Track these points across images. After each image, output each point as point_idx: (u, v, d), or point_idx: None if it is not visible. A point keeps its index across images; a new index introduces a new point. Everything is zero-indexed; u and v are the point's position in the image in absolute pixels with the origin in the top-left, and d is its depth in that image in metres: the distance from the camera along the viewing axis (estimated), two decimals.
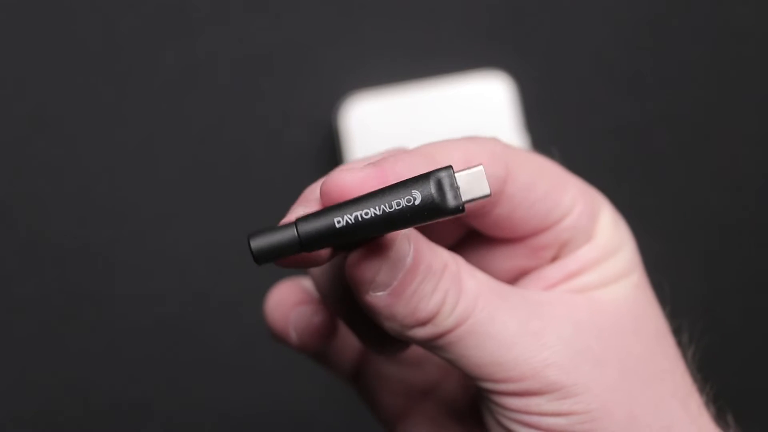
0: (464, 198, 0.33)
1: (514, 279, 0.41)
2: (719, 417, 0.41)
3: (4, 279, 0.70)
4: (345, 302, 0.39)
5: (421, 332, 0.37)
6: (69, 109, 0.70)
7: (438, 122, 0.70)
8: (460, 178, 0.33)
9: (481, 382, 0.37)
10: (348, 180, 0.34)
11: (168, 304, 0.71)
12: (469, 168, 0.33)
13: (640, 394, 0.38)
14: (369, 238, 0.34)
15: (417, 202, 0.32)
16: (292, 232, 0.33)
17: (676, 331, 0.41)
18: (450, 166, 0.33)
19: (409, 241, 0.36)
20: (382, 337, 0.39)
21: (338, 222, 0.33)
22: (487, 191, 0.33)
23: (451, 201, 0.33)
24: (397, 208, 0.33)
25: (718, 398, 0.41)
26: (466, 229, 0.42)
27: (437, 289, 0.36)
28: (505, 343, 0.37)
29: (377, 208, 0.33)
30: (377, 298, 0.36)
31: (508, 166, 0.39)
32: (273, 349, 0.68)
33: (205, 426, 0.73)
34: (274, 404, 0.73)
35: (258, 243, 0.33)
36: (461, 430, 0.45)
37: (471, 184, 0.33)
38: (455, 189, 0.33)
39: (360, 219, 0.33)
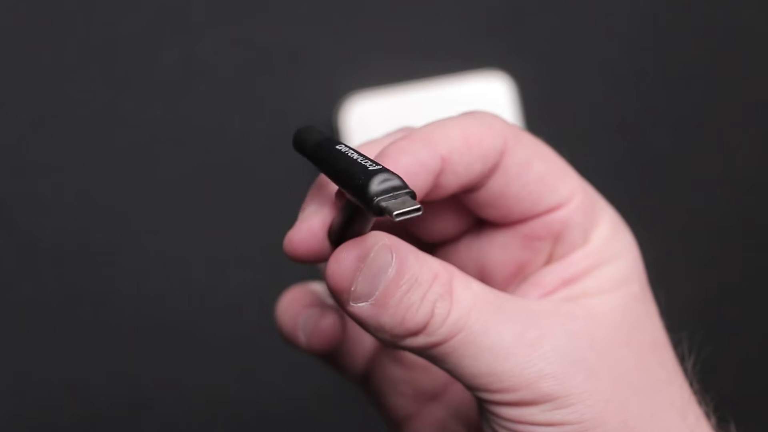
0: (382, 202, 0.34)
1: (512, 276, 0.41)
2: (721, 427, 0.41)
3: (4, 279, 0.70)
4: None
5: (414, 342, 0.37)
6: (69, 109, 0.70)
7: None
8: (404, 200, 0.34)
9: (476, 392, 0.38)
10: None
11: (168, 304, 0.72)
12: (416, 203, 0.34)
13: (635, 404, 0.38)
14: (333, 175, 0.36)
15: (369, 167, 0.34)
16: (316, 137, 0.37)
17: (677, 344, 0.41)
18: (413, 192, 0.34)
19: (391, 252, 0.36)
20: None
21: (337, 145, 0.36)
22: (392, 214, 0.34)
23: (378, 189, 0.34)
24: (355, 155, 0.35)
25: (720, 409, 0.41)
26: (466, 223, 0.42)
27: (425, 299, 0.36)
28: (501, 354, 0.37)
29: (355, 153, 0.35)
30: (360, 308, 0.36)
31: (507, 140, 0.39)
32: (273, 348, 0.68)
33: (205, 425, 0.73)
34: (275, 403, 0.73)
35: (299, 133, 0.38)
36: None
37: (400, 206, 0.34)
38: (390, 196, 0.34)
39: (341, 150, 0.35)
